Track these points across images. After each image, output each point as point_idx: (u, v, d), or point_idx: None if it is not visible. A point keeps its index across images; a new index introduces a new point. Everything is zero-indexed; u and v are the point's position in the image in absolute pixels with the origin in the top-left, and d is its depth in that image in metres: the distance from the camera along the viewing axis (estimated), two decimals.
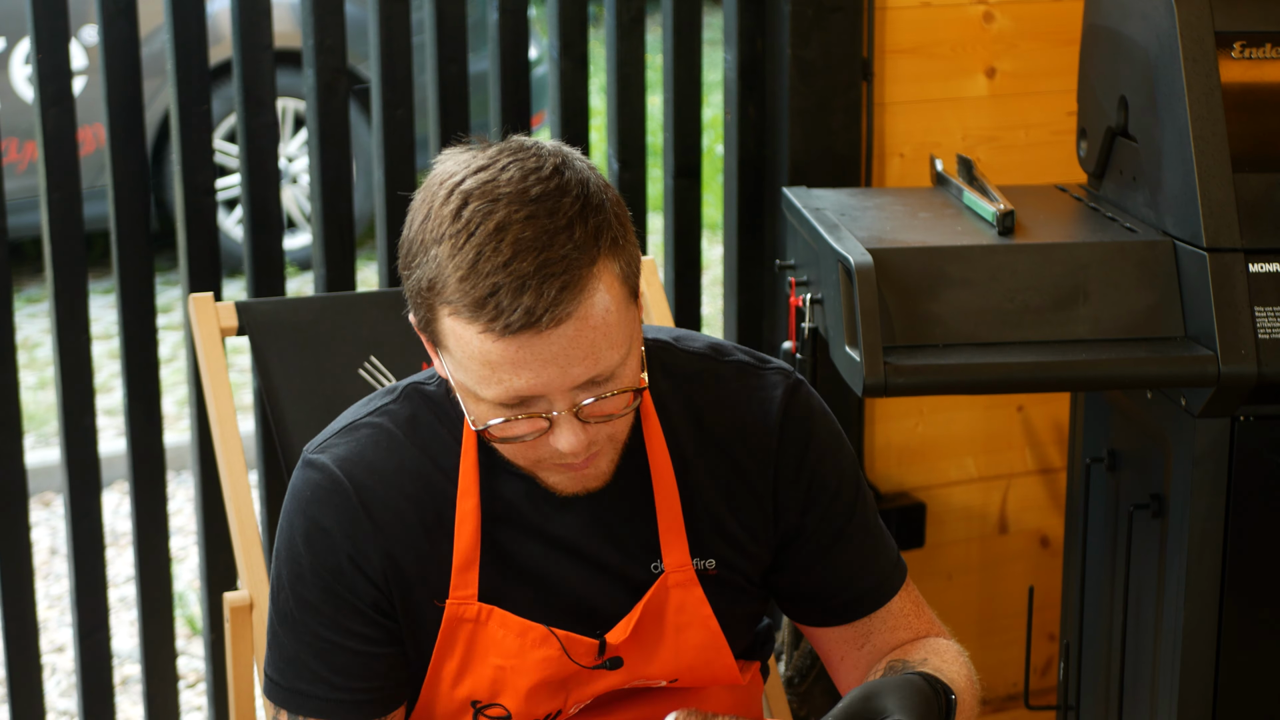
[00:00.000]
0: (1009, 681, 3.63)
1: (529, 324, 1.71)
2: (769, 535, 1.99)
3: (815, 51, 3.22)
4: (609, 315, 1.75)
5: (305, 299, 2.67)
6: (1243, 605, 2.59)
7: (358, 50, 3.91)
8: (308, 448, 1.96)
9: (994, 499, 3.54)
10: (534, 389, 1.75)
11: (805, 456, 1.98)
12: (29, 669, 3.14)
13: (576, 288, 1.72)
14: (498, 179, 1.75)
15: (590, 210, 1.75)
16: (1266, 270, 2.47)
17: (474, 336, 1.73)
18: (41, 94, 2.93)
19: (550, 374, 1.74)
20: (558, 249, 1.71)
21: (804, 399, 1.99)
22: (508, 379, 1.74)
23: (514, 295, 1.70)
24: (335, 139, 3.08)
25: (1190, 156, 2.51)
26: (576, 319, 1.72)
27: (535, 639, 1.92)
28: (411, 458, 1.92)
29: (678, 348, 1.99)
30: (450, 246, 1.73)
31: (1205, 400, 2.49)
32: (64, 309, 3.03)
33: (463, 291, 1.72)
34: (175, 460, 4.88)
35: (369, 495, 1.90)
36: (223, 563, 3.15)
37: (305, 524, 1.91)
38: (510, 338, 1.72)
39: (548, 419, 1.78)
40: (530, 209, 1.73)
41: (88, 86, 5.71)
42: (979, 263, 2.54)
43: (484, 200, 1.73)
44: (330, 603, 1.90)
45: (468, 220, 1.73)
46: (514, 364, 1.73)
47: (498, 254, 1.71)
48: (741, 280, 3.38)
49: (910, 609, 2.05)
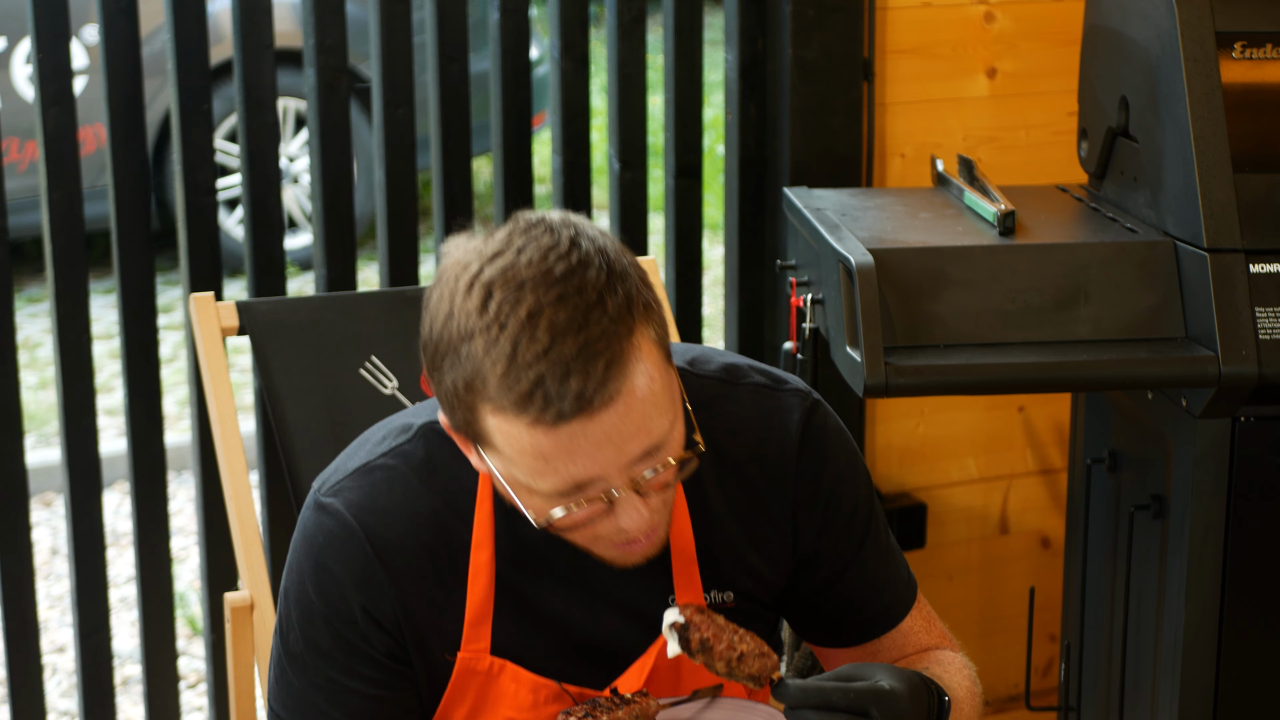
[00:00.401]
0: (1010, 682, 3.62)
1: (581, 409, 1.64)
2: (786, 560, 1.96)
3: (816, 52, 3.22)
4: (654, 383, 1.69)
5: (306, 299, 2.67)
6: (1243, 606, 2.59)
7: (359, 50, 3.91)
8: (320, 486, 1.90)
9: (995, 499, 3.54)
10: (591, 473, 1.69)
11: (821, 479, 1.94)
12: (29, 669, 3.14)
13: (621, 362, 1.66)
14: (517, 263, 1.68)
15: (616, 279, 1.69)
16: (1267, 271, 2.47)
17: (523, 431, 1.66)
18: (42, 93, 2.93)
19: (607, 455, 1.68)
20: (594, 327, 1.65)
21: (820, 421, 1.95)
22: (564, 468, 1.68)
23: (560, 382, 1.64)
24: (336, 138, 3.08)
25: (1191, 157, 2.51)
26: (625, 394, 1.66)
27: (547, 695, 1.89)
28: (427, 503, 1.86)
29: (692, 372, 1.94)
30: (483, 342, 1.66)
31: (1206, 401, 2.49)
32: (65, 308, 3.03)
33: (505, 387, 1.65)
34: (177, 460, 4.88)
35: (382, 545, 1.85)
36: (223, 563, 3.15)
37: (317, 571, 1.86)
38: (563, 425, 1.65)
39: (608, 500, 1.72)
40: (558, 289, 1.66)
41: (89, 86, 5.72)
42: (980, 263, 2.54)
43: (509, 288, 1.66)
44: (342, 649, 1.86)
45: (496, 312, 1.66)
46: (568, 452, 1.67)
47: (535, 342, 1.64)
48: (742, 280, 3.38)
49: (920, 626, 2.03)
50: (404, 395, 2.59)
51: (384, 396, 2.58)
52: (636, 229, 3.30)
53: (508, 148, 3.19)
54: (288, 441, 2.52)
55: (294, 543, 1.89)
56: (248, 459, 2.60)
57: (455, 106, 3.14)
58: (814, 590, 1.99)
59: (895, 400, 3.42)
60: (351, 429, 2.55)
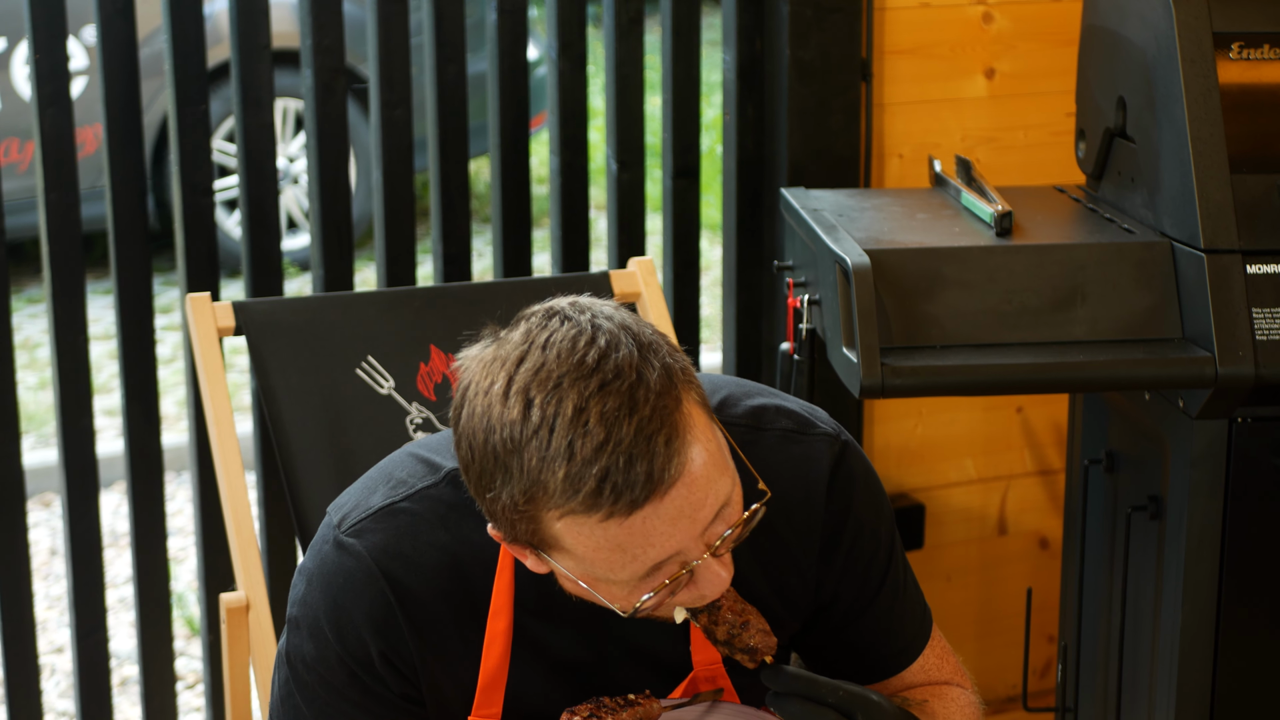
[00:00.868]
0: (1008, 683, 3.62)
1: (652, 491, 1.62)
2: (808, 605, 1.94)
3: (814, 52, 3.21)
4: (709, 444, 1.67)
5: (302, 299, 2.67)
6: (1240, 607, 2.58)
7: (358, 51, 3.91)
8: (339, 521, 1.86)
9: (993, 500, 3.53)
10: (670, 551, 1.66)
11: (847, 527, 1.92)
12: (27, 670, 3.13)
13: (679, 435, 1.63)
14: (546, 361, 1.64)
15: (649, 353, 1.66)
16: (1264, 271, 2.47)
17: (596, 528, 1.63)
18: (39, 94, 2.93)
19: (682, 530, 1.65)
20: (644, 407, 1.62)
21: (849, 469, 1.92)
22: (643, 554, 1.65)
23: (626, 470, 1.60)
24: (333, 139, 3.07)
25: (1188, 157, 2.50)
26: (689, 466, 1.64)
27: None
28: (450, 552, 1.83)
29: (720, 418, 1.87)
30: (536, 449, 1.62)
31: (1203, 402, 2.48)
32: (61, 309, 3.03)
33: (571, 490, 1.61)
34: (178, 461, 4.88)
35: (403, 592, 1.82)
36: (221, 564, 3.15)
37: (334, 611, 1.83)
38: (636, 513, 1.62)
39: (689, 571, 1.70)
40: (598, 378, 1.62)
41: (89, 86, 5.72)
42: (976, 264, 2.54)
43: (547, 389, 1.63)
44: (356, 687, 1.84)
45: (541, 417, 1.62)
46: (645, 536, 1.64)
47: (590, 436, 1.60)
48: (740, 281, 3.38)
49: (933, 662, 2.03)
50: (400, 395, 2.59)
51: (380, 396, 2.58)
52: (634, 229, 3.30)
53: (505, 148, 3.19)
54: (284, 442, 2.52)
55: (309, 574, 1.86)
56: (247, 460, 2.61)
57: (453, 107, 3.14)
58: (829, 632, 1.98)
59: (893, 401, 3.41)
60: (348, 429, 2.56)
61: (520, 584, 1.85)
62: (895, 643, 2.00)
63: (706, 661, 1.90)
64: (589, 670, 1.88)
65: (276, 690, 1.90)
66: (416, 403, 2.60)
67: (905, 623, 2.00)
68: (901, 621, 2.00)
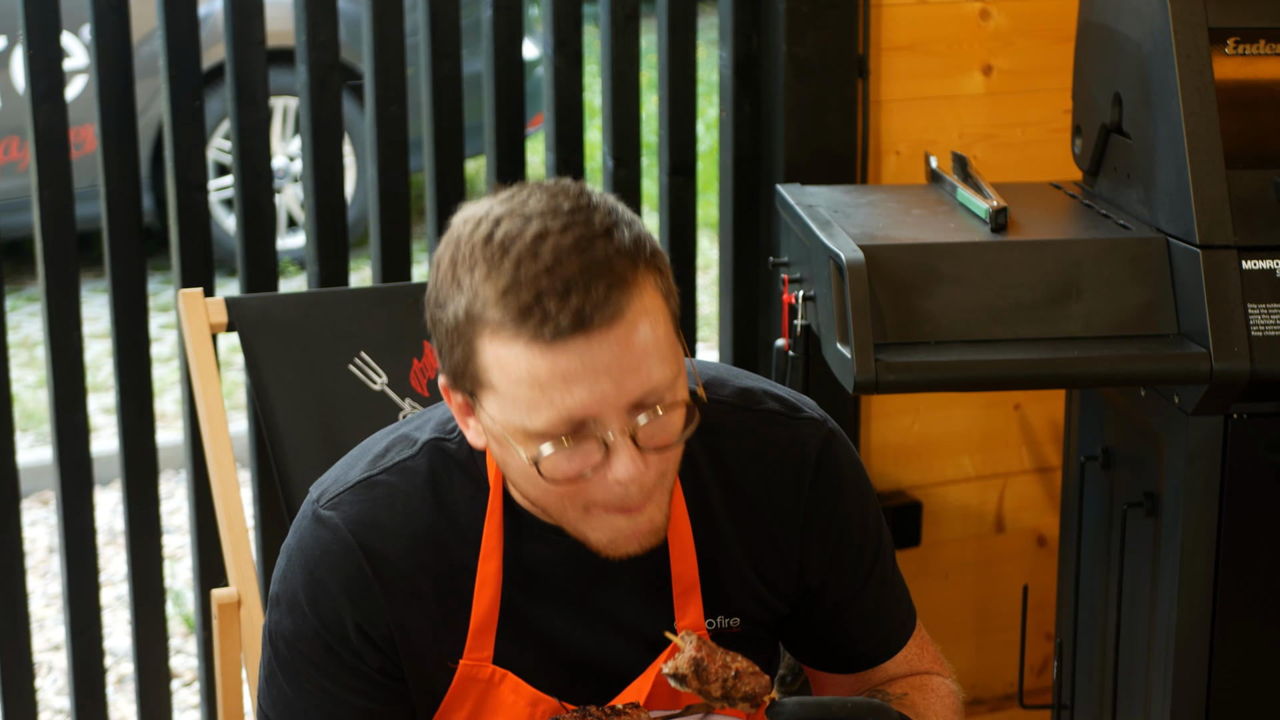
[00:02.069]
0: (1005, 681, 3.62)
1: (579, 325, 1.62)
2: (791, 589, 1.94)
3: (811, 49, 3.21)
4: (658, 327, 1.68)
5: (295, 294, 2.67)
6: (1235, 603, 2.58)
7: (354, 49, 3.90)
8: (318, 497, 1.87)
9: (990, 498, 3.53)
10: (587, 407, 1.66)
11: (834, 515, 1.92)
12: (21, 667, 3.13)
13: (623, 289, 1.65)
14: (526, 203, 1.68)
15: (625, 223, 1.69)
16: (1259, 267, 2.46)
17: (520, 354, 1.64)
18: (33, 90, 2.93)
19: (604, 387, 1.65)
20: (599, 251, 1.64)
21: (835, 455, 1.92)
22: (559, 398, 1.65)
23: (560, 298, 1.62)
24: (328, 135, 3.07)
25: (1183, 153, 2.50)
26: (626, 325, 1.65)
27: (545, 710, 1.87)
28: (429, 522, 1.84)
29: (709, 394, 1.89)
30: (486, 267, 1.65)
31: (1198, 398, 2.48)
32: (56, 304, 3.03)
33: (504, 306, 1.64)
34: (177, 460, 4.88)
35: (381, 564, 1.82)
36: (217, 561, 3.15)
37: (311, 585, 1.83)
38: (560, 346, 1.63)
39: (603, 443, 1.68)
40: (565, 219, 1.66)
41: (89, 85, 5.72)
42: (971, 259, 2.53)
43: (516, 219, 1.66)
44: (333, 662, 1.85)
45: (501, 239, 1.65)
46: (565, 379, 1.64)
47: (538, 261, 1.63)
48: (737, 278, 3.37)
49: (914, 655, 2.02)
50: (393, 391, 2.59)
51: (373, 392, 2.58)
52: None
53: (500, 144, 3.19)
54: (276, 437, 2.52)
55: (289, 549, 1.87)
56: (242, 458, 2.60)
57: (448, 103, 3.13)
58: (817, 621, 1.98)
59: (891, 398, 3.41)
60: (341, 425, 2.55)
61: (507, 559, 1.85)
62: (881, 633, 2.00)
63: (691, 628, 1.89)
64: (570, 646, 1.88)
65: (262, 670, 1.91)
66: (409, 399, 2.60)
67: (892, 614, 2.00)
68: (889, 612, 2.00)
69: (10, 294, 6.31)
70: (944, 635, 3.47)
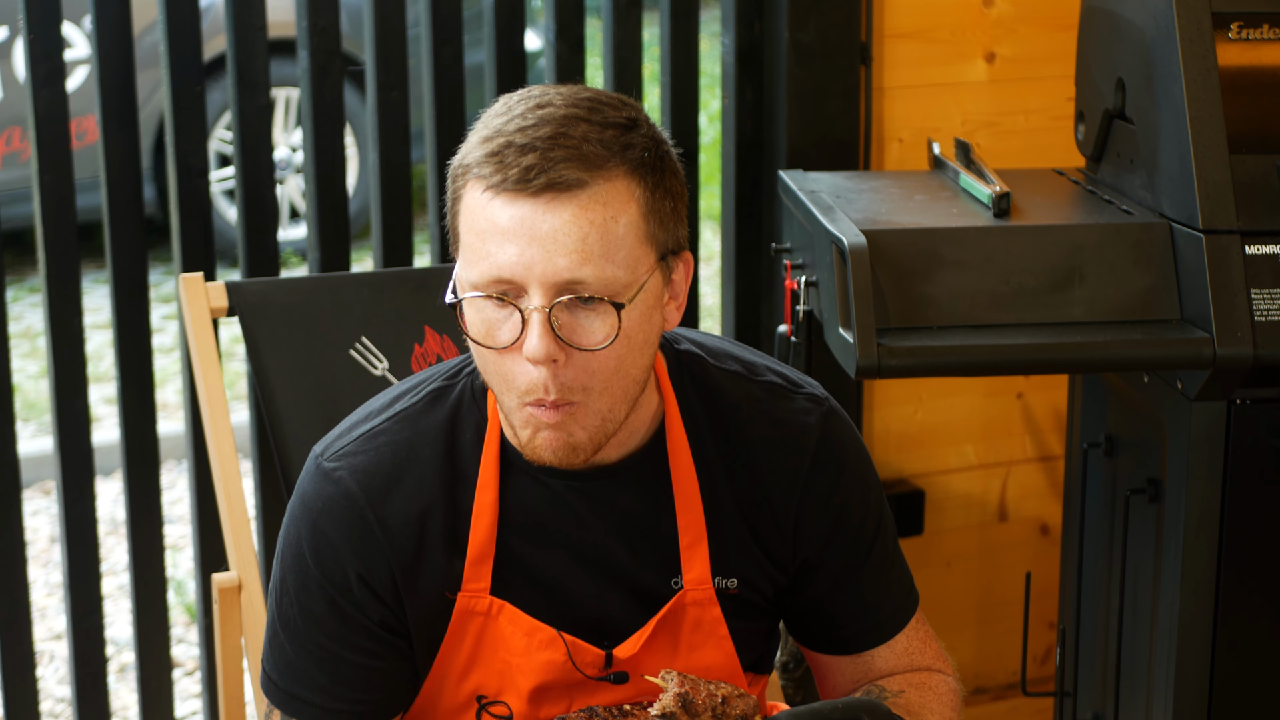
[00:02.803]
0: (1008, 670, 3.61)
1: (523, 181, 1.69)
2: (788, 560, 1.95)
3: (813, 35, 3.20)
4: (614, 224, 1.71)
5: (296, 279, 2.66)
6: (1238, 589, 2.57)
7: (356, 38, 3.90)
8: (321, 450, 1.90)
9: (994, 486, 3.52)
10: (514, 269, 1.70)
11: (835, 491, 1.93)
12: (22, 655, 3.13)
13: (585, 169, 1.70)
14: (554, 87, 1.78)
15: (636, 135, 1.75)
16: (1263, 252, 2.46)
17: (478, 200, 1.72)
18: (33, 75, 2.92)
19: (533, 254, 1.70)
20: (579, 131, 1.71)
21: (838, 432, 1.94)
22: (494, 250, 1.71)
23: (519, 153, 1.70)
24: (329, 121, 3.07)
25: (1187, 138, 2.49)
26: (576, 205, 1.70)
27: (543, 640, 1.88)
28: (430, 468, 1.86)
29: (710, 362, 1.94)
30: (485, 120, 1.75)
31: (1201, 383, 2.47)
32: (56, 290, 3.02)
33: (481, 150, 1.72)
34: (179, 450, 4.88)
35: (384, 511, 1.85)
36: (217, 548, 3.14)
37: (314, 537, 1.86)
38: (506, 200, 1.70)
39: (521, 312, 1.72)
40: (574, 102, 1.74)
41: (90, 76, 5.71)
42: (974, 245, 2.53)
43: (533, 90, 1.76)
44: (335, 616, 1.86)
45: (512, 103, 1.75)
46: (503, 234, 1.70)
47: (523, 120, 1.72)
48: (739, 265, 3.37)
49: (916, 645, 2.02)
50: (394, 377, 2.58)
51: (374, 377, 2.58)
52: None
53: None
54: (277, 422, 2.52)
55: (292, 507, 1.89)
56: (243, 446, 2.60)
57: (450, 89, 3.13)
58: (815, 597, 1.98)
59: (894, 386, 3.41)
60: (341, 410, 2.54)
61: (506, 499, 1.87)
62: (881, 612, 2.00)
63: (697, 582, 1.90)
64: (569, 594, 1.89)
65: (266, 633, 1.93)
66: None
67: (891, 594, 2.00)
68: (887, 593, 2.00)
69: (11, 284, 6.32)
70: (946, 624, 3.47)
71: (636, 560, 1.89)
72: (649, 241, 1.75)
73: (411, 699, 1.94)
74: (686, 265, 1.83)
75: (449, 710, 1.93)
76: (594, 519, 1.87)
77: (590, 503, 1.86)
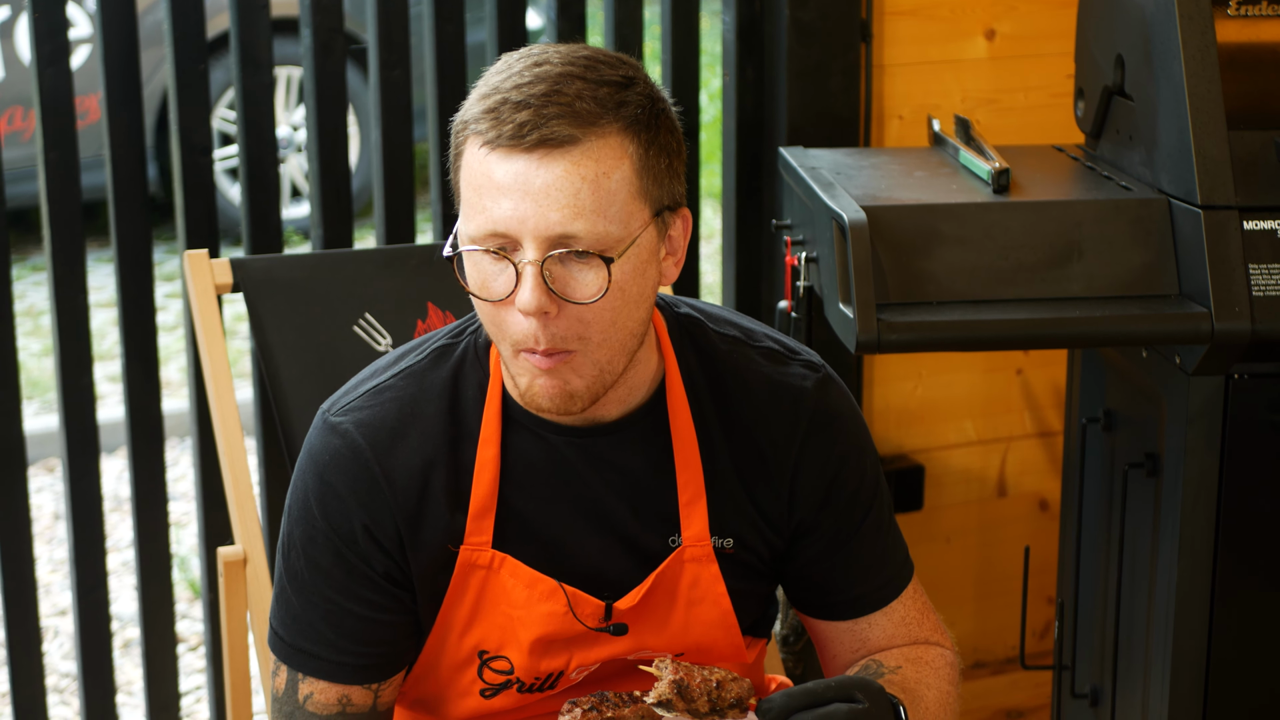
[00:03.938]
0: (1008, 645, 3.63)
1: (517, 137, 1.72)
2: (783, 523, 1.97)
3: (814, 13, 3.21)
4: (607, 180, 1.74)
5: (300, 256, 2.68)
6: (1236, 563, 2.59)
7: (359, 18, 3.91)
8: (329, 406, 1.93)
9: (993, 462, 3.54)
10: (509, 224, 1.73)
11: (830, 455, 1.96)
12: (28, 631, 3.14)
13: (579, 125, 1.73)
14: (555, 46, 1.80)
15: (631, 93, 1.77)
16: (1261, 228, 2.47)
17: (475, 155, 1.75)
18: (38, 53, 2.93)
19: (526, 208, 1.73)
20: (573, 88, 1.74)
21: (834, 396, 1.97)
22: (490, 205, 1.74)
23: (514, 109, 1.73)
24: (332, 99, 3.08)
25: (1185, 114, 2.50)
26: (569, 161, 1.73)
27: (544, 591, 1.91)
28: (435, 422, 1.89)
29: (709, 326, 1.97)
30: (485, 78, 1.78)
31: (1199, 358, 2.48)
32: (61, 267, 3.03)
33: (479, 107, 1.75)
34: (182, 427, 4.89)
35: (389, 463, 1.88)
36: (222, 523, 3.16)
37: (321, 489, 1.89)
38: (500, 156, 1.73)
39: (515, 265, 1.75)
40: (572, 60, 1.76)
41: (93, 54, 5.72)
42: (973, 220, 2.54)
43: (534, 49, 1.79)
44: (341, 568, 1.89)
45: (511, 61, 1.78)
46: (498, 189, 1.73)
47: (520, 77, 1.74)
48: (740, 242, 3.38)
49: (914, 615, 2.04)
50: None
51: (377, 353, 2.59)
52: None
53: None
54: (281, 398, 2.53)
55: (300, 462, 1.93)
56: (247, 424, 2.61)
57: (452, 67, 3.13)
58: (810, 560, 2.00)
59: (893, 362, 3.42)
60: None
61: (508, 454, 1.89)
62: (876, 578, 2.02)
63: (696, 539, 1.93)
64: (569, 549, 1.92)
65: (274, 589, 1.95)
66: None
67: (886, 561, 2.02)
68: (882, 559, 2.02)
69: (15, 263, 6.32)
70: (946, 599, 3.49)
71: (636, 517, 1.92)
72: (642, 197, 1.78)
73: (415, 655, 1.96)
74: (685, 221, 1.85)
75: (451, 666, 1.96)
76: (594, 475, 1.90)
77: (591, 459, 1.90)
